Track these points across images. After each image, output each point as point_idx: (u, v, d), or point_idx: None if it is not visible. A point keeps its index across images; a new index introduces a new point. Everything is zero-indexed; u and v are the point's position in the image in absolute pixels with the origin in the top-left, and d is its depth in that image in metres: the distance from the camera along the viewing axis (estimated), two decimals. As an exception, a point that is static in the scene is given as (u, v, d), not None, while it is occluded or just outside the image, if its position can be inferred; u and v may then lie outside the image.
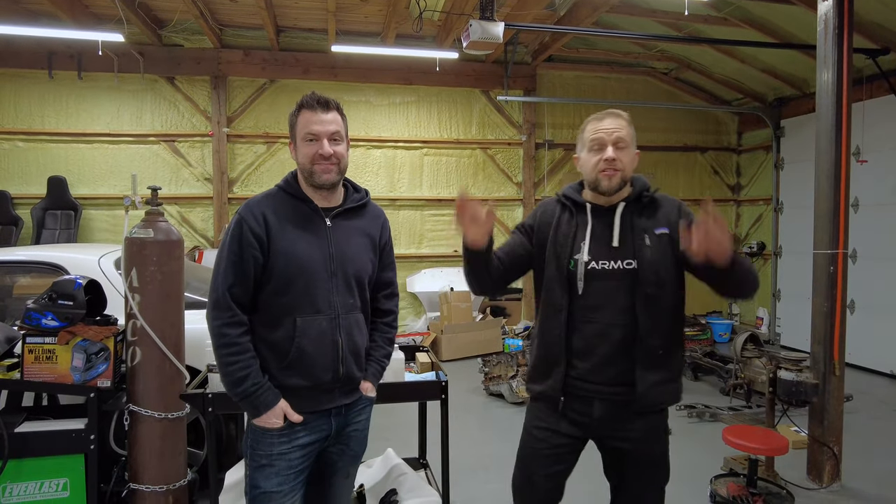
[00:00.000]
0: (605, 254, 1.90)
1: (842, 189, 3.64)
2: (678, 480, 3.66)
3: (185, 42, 7.28)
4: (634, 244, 1.89)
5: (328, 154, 1.82)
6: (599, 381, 1.89)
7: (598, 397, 1.90)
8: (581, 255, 1.90)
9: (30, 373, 2.57)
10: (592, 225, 1.93)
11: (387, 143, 7.87)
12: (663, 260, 1.88)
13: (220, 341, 1.75)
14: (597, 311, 1.89)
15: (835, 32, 3.61)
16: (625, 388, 1.87)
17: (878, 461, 4.02)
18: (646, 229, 1.91)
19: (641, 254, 1.87)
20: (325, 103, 1.84)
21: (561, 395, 1.91)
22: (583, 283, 1.89)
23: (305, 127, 1.82)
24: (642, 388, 1.86)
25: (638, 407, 1.87)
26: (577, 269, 1.89)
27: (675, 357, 1.94)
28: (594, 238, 1.92)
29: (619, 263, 1.88)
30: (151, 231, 2.69)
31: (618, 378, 1.87)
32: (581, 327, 1.90)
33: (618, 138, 1.90)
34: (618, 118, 1.94)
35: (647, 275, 1.86)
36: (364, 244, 1.94)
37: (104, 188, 7.18)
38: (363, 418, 1.99)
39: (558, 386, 1.91)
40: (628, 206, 1.94)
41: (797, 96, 7.74)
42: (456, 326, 6.95)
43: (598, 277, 1.89)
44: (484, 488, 3.52)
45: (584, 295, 1.89)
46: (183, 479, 2.83)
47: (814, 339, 3.71)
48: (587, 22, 6.28)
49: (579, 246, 1.91)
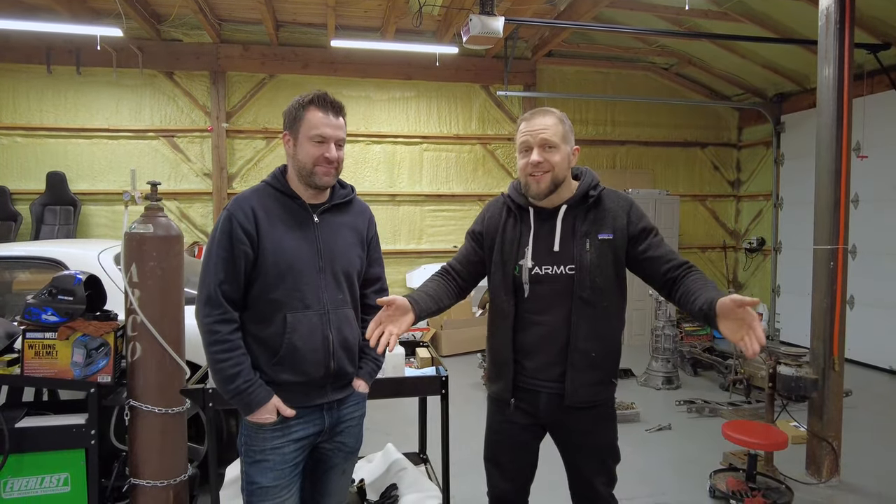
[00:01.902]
0: (548, 259, 1.89)
1: (842, 185, 3.63)
2: (678, 475, 3.70)
3: (184, 37, 7.26)
4: (574, 249, 1.88)
5: (334, 159, 1.82)
6: (544, 378, 1.93)
7: (544, 391, 1.94)
8: (525, 260, 1.90)
9: (30, 368, 2.57)
10: (535, 229, 1.92)
11: (386, 138, 7.85)
12: (603, 265, 1.87)
13: (211, 338, 1.75)
14: (542, 314, 1.90)
15: (836, 27, 3.60)
16: (563, 385, 1.91)
17: (877, 456, 4.03)
18: (588, 233, 1.88)
19: (581, 259, 1.87)
20: (338, 108, 1.84)
21: (511, 396, 1.97)
22: (528, 286, 1.90)
23: (315, 128, 1.80)
24: (571, 388, 1.89)
25: (568, 403, 1.90)
26: (522, 274, 1.90)
27: (609, 360, 1.96)
28: (536, 243, 1.91)
29: (562, 268, 1.88)
30: (151, 226, 2.68)
31: (561, 376, 1.91)
32: (527, 329, 1.93)
33: (543, 140, 1.83)
34: (546, 116, 1.87)
35: (583, 280, 1.86)
36: (352, 239, 1.94)
37: (103, 183, 7.17)
38: (357, 414, 1.99)
39: (508, 387, 1.97)
40: (570, 209, 1.91)
41: (798, 92, 7.72)
42: (456, 322, 6.96)
43: (542, 282, 1.90)
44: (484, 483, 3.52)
45: (529, 298, 1.90)
46: (183, 474, 2.83)
47: (813, 335, 3.71)
48: (587, 17, 6.26)
49: (524, 251, 1.91)
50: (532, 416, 1.98)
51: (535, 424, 2.00)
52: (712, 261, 9.03)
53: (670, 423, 4.58)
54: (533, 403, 1.96)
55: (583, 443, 1.98)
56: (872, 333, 6.42)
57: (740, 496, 3.18)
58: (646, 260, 1.90)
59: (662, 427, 4.51)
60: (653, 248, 1.89)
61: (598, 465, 1.99)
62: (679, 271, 1.83)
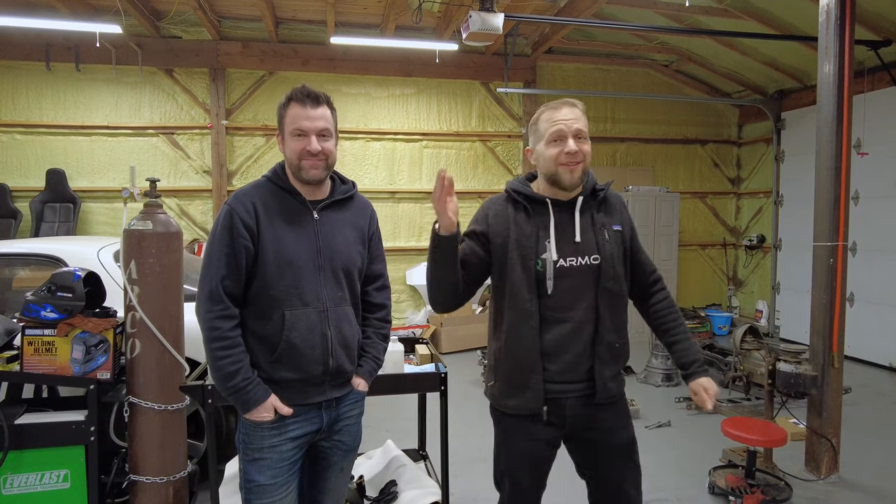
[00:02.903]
0: (570, 250, 1.85)
1: (842, 181, 3.63)
2: (677, 472, 3.70)
3: (184, 34, 7.24)
4: (596, 238, 1.87)
5: (316, 151, 1.80)
6: (569, 380, 1.86)
7: (570, 396, 1.87)
8: (549, 253, 1.83)
9: (29, 365, 2.57)
10: (556, 221, 1.86)
11: (386, 135, 7.84)
12: (620, 255, 1.91)
13: (212, 334, 1.74)
14: (568, 310, 1.84)
15: (836, 24, 3.59)
16: (591, 383, 1.87)
17: (875, 453, 4.03)
18: (604, 224, 1.90)
19: (603, 248, 1.86)
20: (315, 98, 1.81)
21: (543, 404, 1.84)
22: (552, 281, 1.82)
23: (294, 122, 1.80)
24: (601, 383, 1.86)
25: (599, 399, 1.87)
26: (546, 268, 1.82)
27: (625, 350, 1.96)
28: (558, 234, 1.85)
29: (586, 259, 1.85)
30: (150, 223, 2.68)
31: (586, 374, 1.87)
32: (553, 328, 1.84)
33: (578, 130, 1.82)
34: (574, 108, 1.85)
35: (608, 269, 1.85)
36: (352, 236, 1.93)
37: (103, 181, 7.16)
38: (356, 412, 1.98)
39: (539, 396, 1.83)
40: (586, 200, 1.91)
41: (798, 88, 7.71)
42: (455, 319, 6.96)
43: (567, 275, 1.84)
44: (483, 479, 3.53)
45: (553, 295, 1.82)
46: (183, 470, 2.84)
47: (813, 332, 3.71)
48: (587, 13, 6.24)
49: (544, 245, 1.83)
50: (556, 426, 1.89)
51: (558, 437, 1.93)
52: (712, 258, 9.02)
53: (670, 419, 4.59)
54: (558, 414, 1.87)
55: (610, 439, 1.92)
56: (872, 330, 6.42)
57: (739, 493, 3.18)
58: (637, 262, 1.99)
59: (662, 424, 4.52)
60: (638, 251, 1.98)
61: (625, 461, 1.94)
62: (655, 287, 2.03)
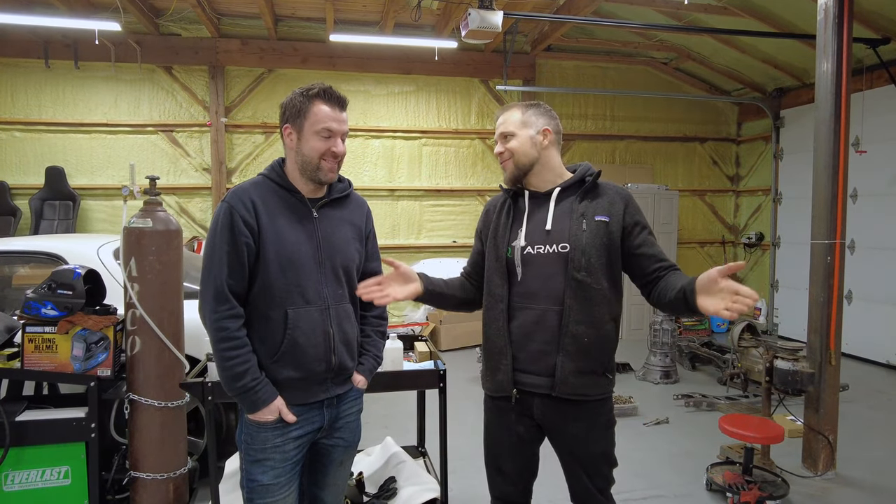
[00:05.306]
0: (540, 238, 1.89)
1: (840, 179, 3.64)
2: (675, 468, 3.72)
3: (183, 31, 7.24)
4: (570, 228, 1.87)
5: (341, 153, 1.82)
6: (535, 371, 1.88)
7: (536, 393, 1.89)
8: (518, 241, 1.91)
9: (30, 362, 2.58)
10: (529, 210, 1.94)
11: (385, 132, 7.84)
12: (598, 246, 1.85)
13: (220, 335, 1.72)
14: (534, 298, 1.88)
15: (835, 22, 3.59)
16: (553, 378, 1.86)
17: (872, 450, 4.05)
18: (584, 214, 1.89)
19: (576, 238, 1.85)
20: (344, 102, 1.85)
21: (513, 386, 1.90)
22: (521, 268, 1.89)
23: (322, 122, 1.79)
24: (561, 375, 1.83)
25: (557, 393, 1.84)
26: (514, 255, 1.90)
27: (602, 349, 1.89)
28: (530, 223, 1.92)
29: (554, 247, 1.87)
30: (150, 221, 2.69)
31: (552, 369, 1.85)
32: (519, 315, 1.90)
33: (501, 133, 1.98)
34: (507, 110, 2.00)
35: (577, 259, 1.84)
36: (350, 234, 1.93)
37: (102, 178, 7.16)
38: (355, 409, 1.99)
39: (509, 377, 1.90)
40: (566, 191, 1.94)
41: (797, 86, 7.72)
42: (455, 317, 6.96)
43: (534, 262, 1.89)
44: (482, 476, 3.51)
45: (521, 282, 1.90)
46: (183, 467, 2.85)
47: (810, 329, 3.73)
48: (586, 11, 6.24)
49: (516, 233, 1.93)
50: (530, 417, 1.94)
51: (535, 426, 1.96)
52: (711, 256, 9.03)
53: (668, 416, 4.60)
54: (527, 405, 1.92)
55: (576, 449, 1.92)
56: (870, 328, 6.44)
57: (737, 489, 3.20)
58: (639, 255, 1.90)
59: (660, 421, 4.53)
60: (647, 245, 1.91)
61: (593, 470, 1.94)
62: (665, 271, 1.87)
